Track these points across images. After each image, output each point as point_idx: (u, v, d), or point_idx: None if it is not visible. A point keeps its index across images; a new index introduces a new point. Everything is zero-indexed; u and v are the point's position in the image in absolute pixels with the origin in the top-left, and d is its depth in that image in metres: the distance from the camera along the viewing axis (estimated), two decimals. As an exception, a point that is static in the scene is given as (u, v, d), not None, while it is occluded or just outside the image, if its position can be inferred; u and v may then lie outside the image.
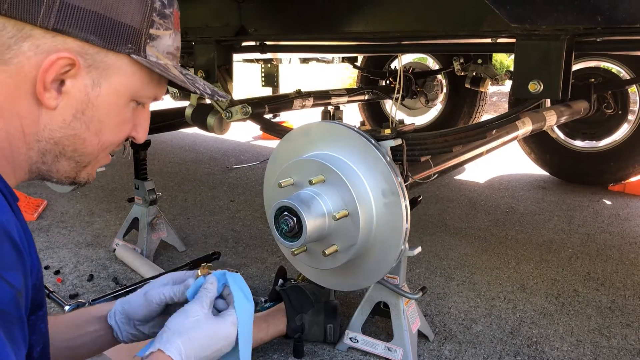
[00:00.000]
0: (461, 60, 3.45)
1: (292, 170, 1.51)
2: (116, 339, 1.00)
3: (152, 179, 2.41)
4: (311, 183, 1.40)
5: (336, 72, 11.06)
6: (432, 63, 4.56)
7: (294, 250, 1.44)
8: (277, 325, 1.69)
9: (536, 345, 1.77)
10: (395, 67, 4.29)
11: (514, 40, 1.45)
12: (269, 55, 4.67)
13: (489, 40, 1.91)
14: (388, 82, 4.14)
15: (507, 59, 9.67)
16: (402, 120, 2.10)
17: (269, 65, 5.21)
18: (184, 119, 2.39)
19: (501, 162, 4.32)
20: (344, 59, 4.66)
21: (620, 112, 3.49)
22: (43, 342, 0.78)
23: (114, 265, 2.33)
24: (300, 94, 2.88)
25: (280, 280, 1.91)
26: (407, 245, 1.47)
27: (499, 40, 1.81)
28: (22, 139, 0.73)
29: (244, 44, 2.44)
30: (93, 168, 0.83)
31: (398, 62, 3.41)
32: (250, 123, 2.35)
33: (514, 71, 1.46)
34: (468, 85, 3.54)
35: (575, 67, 3.50)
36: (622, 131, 3.56)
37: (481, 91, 3.90)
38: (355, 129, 1.47)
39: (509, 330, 1.85)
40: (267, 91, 5.48)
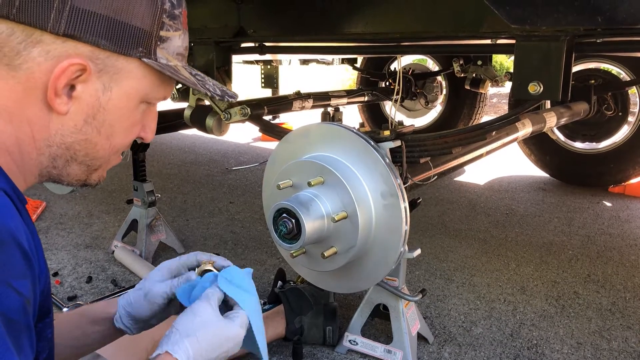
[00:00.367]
0: (461, 62, 3.44)
1: (291, 171, 1.50)
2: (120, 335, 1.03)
3: (151, 181, 2.41)
4: (310, 185, 1.40)
5: (336, 74, 11.07)
6: (431, 64, 4.56)
7: (292, 252, 1.43)
8: (276, 327, 1.69)
9: (536, 348, 1.76)
10: (395, 68, 4.29)
11: (513, 41, 1.45)
12: (268, 57, 4.68)
13: (488, 42, 1.91)
14: (388, 83, 4.14)
15: (506, 60, 9.69)
16: (401, 122, 2.10)
17: (269, 67, 5.21)
18: (183, 121, 2.39)
19: (501, 164, 4.32)
20: (343, 61, 4.66)
21: (620, 113, 3.49)
22: (49, 348, 0.78)
23: (113, 267, 2.33)
24: (299, 96, 2.87)
25: (279, 282, 1.90)
26: (407, 247, 1.47)
27: (499, 41, 1.81)
28: (32, 144, 0.73)
29: (243, 45, 2.44)
30: (104, 170, 0.83)
31: (398, 64, 3.41)
32: (250, 125, 2.35)
33: (514, 72, 1.46)
34: (468, 87, 3.53)
35: (575, 69, 3.49)
36: (622, 133, 3.55)
37: (481, 93, 3.89)
38: (355, 131, 1.46)
39: (509, 333, 1.84)
40: (267, 93, 5.48)
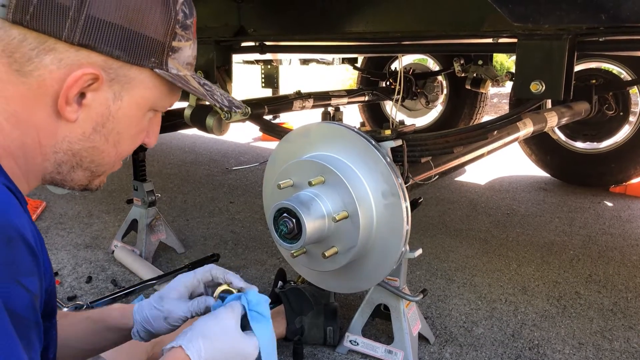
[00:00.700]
0: (462, 61, 3.43)
1: (292, 171, 1.49)
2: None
3: (151, 180, 2.40)
4: (311, 184, 1.39)
5: (336, 74, 11.06)
6: (432, 64, 4.55)
7: (293, 252, 1.43)
8: (277, 327, 1.67)
9: (538, 348, 1.75)
10: (396, 68, 4.28)
11: (515, 40, 1.44)
12: (268, 56, 4.67)
13: (490, 41, 1.90)
14: (388, 83, 4.13)
15: (507, 60, 9.68)
16: (402, 122, 2.09)
17: (269, 67, 5.21)
18: (183, 120, 2.38)
19: (502, 164, 4.31)
20: (344, 60, 4.65)
21: (621, 113, 3.48)
22: (54, 347, 0.79)
23: (113, 267, 2.32)
24: (300, 95, 2.87)
25: (279, 282, 1.90)
26: (408, 247, 1.46)
27: (500, 40, 1.80)
28: (38, 150, 0.72)
29: (244, 44, 2.43)
30: (106, 175, 0.84)
31: (398, 63, 3.40)
32: (250, 124, 2.34)
33: (516, 71, 1.45)
34: (468, 87, 3.52)
35: (576, 69, 3.48)
36: (623, 132, 3.54)
37: (482, 92, 3.89)
38: (356, 130, 1.46)
39: (510, 333, 1.84)
40: (267, 92, 5.47)
